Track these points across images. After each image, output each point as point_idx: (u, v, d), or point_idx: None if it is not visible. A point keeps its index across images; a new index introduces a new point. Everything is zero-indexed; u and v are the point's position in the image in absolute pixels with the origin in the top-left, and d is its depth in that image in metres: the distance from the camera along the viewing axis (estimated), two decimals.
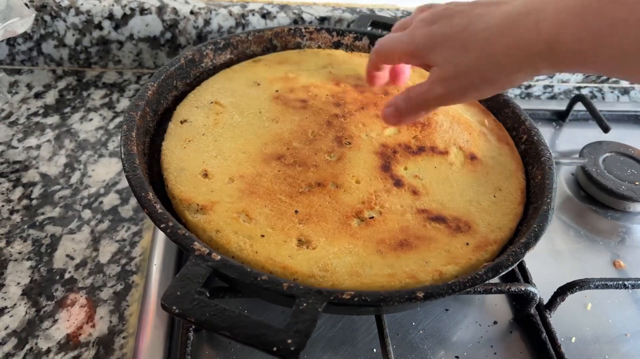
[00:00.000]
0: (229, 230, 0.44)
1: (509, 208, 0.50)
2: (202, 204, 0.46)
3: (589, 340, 0.54)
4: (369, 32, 0.71)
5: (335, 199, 0.48)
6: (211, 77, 0.62)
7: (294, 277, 0.41)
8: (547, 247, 0.63)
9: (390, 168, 0.52)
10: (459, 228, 0.47)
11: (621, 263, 0.63)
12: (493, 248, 0.46)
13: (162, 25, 0.79)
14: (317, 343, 0.50)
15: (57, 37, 0.78)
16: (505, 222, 0.49)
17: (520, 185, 0.53)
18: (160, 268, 0.53)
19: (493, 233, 0.47)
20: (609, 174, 0.71)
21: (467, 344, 0.52)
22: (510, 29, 0.40)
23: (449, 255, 0.45)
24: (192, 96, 0.58)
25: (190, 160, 0.50)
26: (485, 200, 0.51)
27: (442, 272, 0.43)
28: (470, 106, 0.62)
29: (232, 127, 0.55)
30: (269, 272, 0.41)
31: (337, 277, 0.42)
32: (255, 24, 0.81)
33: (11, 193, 0.61)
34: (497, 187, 0.52)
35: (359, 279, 0.42)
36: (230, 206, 0.46)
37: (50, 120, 0.72)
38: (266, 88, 0.60)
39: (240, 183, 0.48)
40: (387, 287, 0.42)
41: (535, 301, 0.52)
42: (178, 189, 0.47)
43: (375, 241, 0.45)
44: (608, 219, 0.69)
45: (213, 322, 0.34)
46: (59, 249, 0.56)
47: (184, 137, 0.53)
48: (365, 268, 0.43)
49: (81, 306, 0.51)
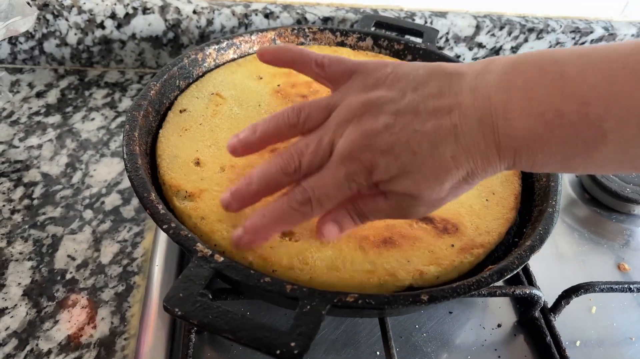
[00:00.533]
0: (213, 218, 0.44)
1: (500, 213, 0.50)
2: (191, 191, 0.47)
3: (593, 344, 0.54)
4: (372, 33, 0.70)
5: None
6: (214, 70, 0.62)
7: (273, 268, 0.42)
8: (551, 250, 0.63)
9: None
10: (446, 230, 0.47)
11: (626, 266, 0.63)
12: (479, 251, 0.46)
13: (165, 24, 0.79)
14: (320, 345, 0.49)
15: (59, 36, 0.78)
16: (495, 226, 0.48)
17: (515, 191, 0.52)
18: (162, 269, 0.53)
19: (480, 237, 0.47)
20: (613, 176, 0.70)
21: (470, 347, 0.51)
22: (433, 152, 0.36)
23: (432, 255, 0.44)
24: (194, 87, 0.59)
25: (185, 148, 0.51)
26: (477, 203, 0.50)
27: (423, 272, 0.43)
28: None
29: (230, 118, 0.55)
30: (249, 263, 0.42)
31: (316, 270, 0.42)
32: (258, 24, 0.81)
33: (12, 192, 0.61)
34: (491, 191, 0.52)
35: (337, 274, 0.42)
36: (218, 194, 0.46)
37: (51, 119, 0.71)
38: (268, 82, 0.61)
39: (231, 172, 0.49)
40: (366, 283, 0.41)
41: (539, 305, 0.52)
42: (169, 175, 0.48)
43: (359, 237, 0.45)
44: (612, 222, 0.69)
45: (216, 325, 0.34)
46: (60, 249, 0.55)
47: (182, 125, 0.54)
48: (345, 263, 0.43)
49: (82, 307, 0.51)
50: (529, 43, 0.91)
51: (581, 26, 0.90)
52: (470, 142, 0.35)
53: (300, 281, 0.41)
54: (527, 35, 0.89)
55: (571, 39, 0.91)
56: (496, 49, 0.91)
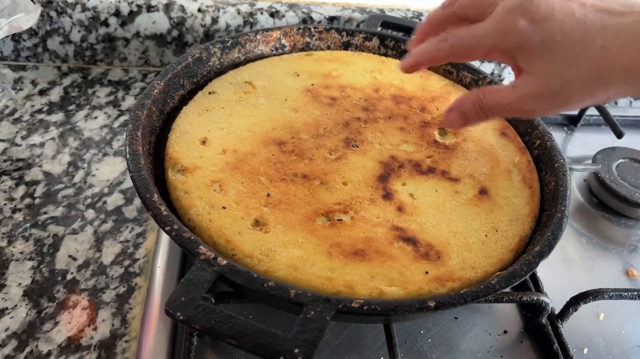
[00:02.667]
0: (195, 194, 0.46)
1: (495, 252, 0.46)
2: (186, 166, 0.48)
3: (601, 352, 0.53)
4: (379, 33, 0.69)
5: (313, 194, 0.48)
6: (257, 60, 0.63)
7: (233, 253, 0.42)
8: (559, 255, 0.62)
9: (387, 180, 0.50)
10: (427, 255, 0.44)
11: (634, 272, 0.62)
12: (453, 285, 0.42)
13: (169, 22, 0.78)
14: (323, 350, 0.49)
15: (62, 33, 0.77)
16: (484, 265, 0.45)
17: (522, 233, 0.48)
18: (164, 271, 0.52)
19: (462, 271, 0.44)
20: (623, 181, 0.69)
21: (476, 353, 0.51)
22: (630, 49, 0.36)
23: (400, 277, 0.42)
24: (232, 72, 0.61)
25: (198, 126, 0.53)
26: (473, 237, 0.47)
27: (383, 291, 0.41)
28: (509, 141, 0.57)
29: (253, 107, 0.56)
30: (212, 243, 0.43)
31: (274, 265, 0.41)
32: (263, 23, 0.80)
33: (14, 191, 0.60)
34: (494, 228, 0.48)
35: (294, 273, 0.41)
36: (210, 174, 0.48)
37: (54, 117, 0.71)
38: (303, 80, 0.61)
39: (230, 156, 0.50)
40: (319, 289, 0.40)
41: (547, 311, 0.51)
42: (172, 148, 0.50)
43: (330, 243, 0.44)
44: (621, 227, 0.68)
45: (218, 330, 0.33)
46: (61, 249, 0.55)
47: (205, 106, 0.55)
48: (305, 265, 0.42)
49: (83, 309, 0.50)
50: None
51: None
52: (623, 53, 0.36)
53: (255, 271, 0.39)
54: None
55: None
56: None
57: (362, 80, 0.63)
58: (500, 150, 0.56)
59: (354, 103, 0.59)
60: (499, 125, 0.59)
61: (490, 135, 0.58)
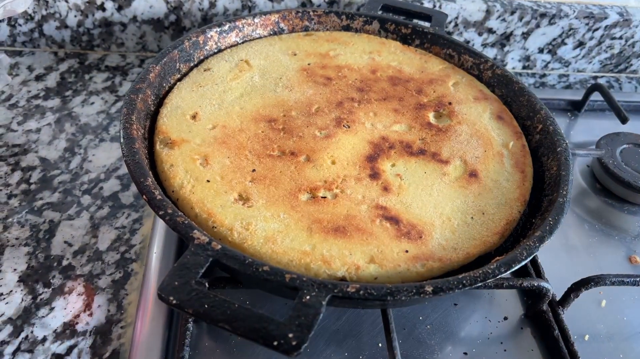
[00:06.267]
0: (181, 167, 0.46)
1: (479, 234, 0.46)
2: (173, 139, 0.49)
3: (602, 338, 0.52)
4: (379, 16, 0.68)
5: (299, 171, 0.47)
6: (255, 40, 0.63)
7: (214, 225, 0.42)
8: (560, 241, 0.61)
9: (376, 160, 0.50)
10: (408, 234, 0.44)
11: (637, 258, 0.61)
12: (433, 265, 0.42)
13: (167, 7, 0.77)
14: (321, 336, 0.48)
15: (58, 18, 0.76)
16: (466, 246, 0.44)
17: (510, 217, 0.48)
18: (161, 257, 0.52)
19: (443, 251, 0.43)
20: (627, 166, 0.68)
21: (476, 340, 0.50)
22: None
23: (380, 254, 0.42)
24: (229, 51, 0.60)
25: (190, 101, 0.53)
26: (458, 219, 0.46)
27: (360, 268, 0.41)
28: (505, 124, 0.57)
29: (247, 84, 0.56)
30: (194, 215, 0.43)
31: (253, 238, 0.42)
32: (261, 7, 0.79)
33: (9, 177, 0.59)
34: (481, 210, 0.47)
35: (272, 246, 0.41)
36: (196, 148, 0.48)
37: (51, 103, 0.70)
38: (300, 60, 0.61)
39: (219, 132, 0.50)
40: (296, 263, 0.41)
41: (548, 297, 0.50)
42: (162, 121, 0.50)
43: (312, 219, 0.44)
44: (624, 213, 0.67)
45: (211, 314, 0.33)
46: (57, 235, 0.54)
47: (199, 82, 0.55)
48: (285, 239, 0.42)
49: (79, 294, 0.50)
50: (541, 29, 0.88)
51: (595, 11, 0.88)
52: None
53: (234, 244, 0.41)
54: (539, 20, 0.87)
55: (585, 24, 0.88)
56: (507, 35, 0.88)
57: (360, 61, 0.62)
58: (495, 133, 0.56)
59: (349, 83, 0.58)
60: (496, 109, 0.58)
61: (486, 118, 0.57)
